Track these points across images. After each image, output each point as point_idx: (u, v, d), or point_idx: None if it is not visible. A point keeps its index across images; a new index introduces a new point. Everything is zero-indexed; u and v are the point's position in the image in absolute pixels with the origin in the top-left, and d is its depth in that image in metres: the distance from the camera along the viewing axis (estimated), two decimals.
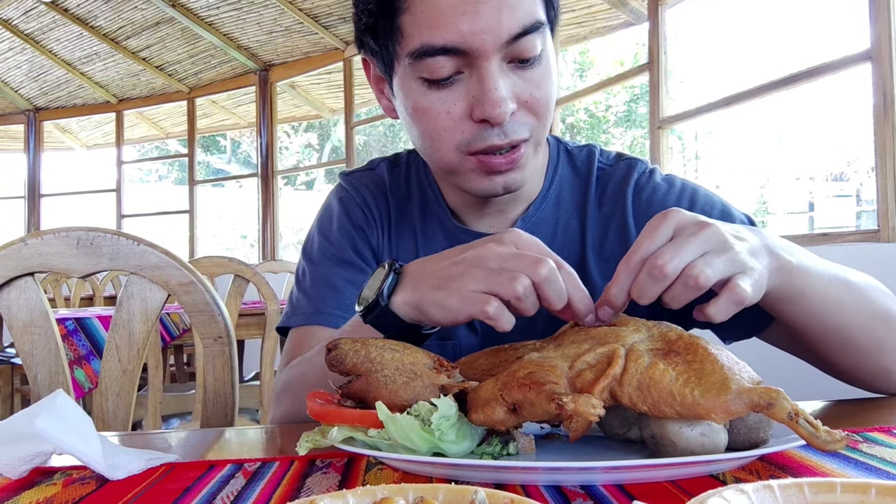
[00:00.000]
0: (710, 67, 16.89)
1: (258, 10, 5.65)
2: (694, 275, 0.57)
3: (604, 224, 0.92)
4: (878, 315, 0.75)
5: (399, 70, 0.81)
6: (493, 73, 0.75)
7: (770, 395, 0.48)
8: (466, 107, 0.77)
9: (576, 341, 0.57)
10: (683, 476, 0.50)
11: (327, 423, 0.57)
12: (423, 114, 0.80)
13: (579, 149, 0.99)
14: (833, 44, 13.87)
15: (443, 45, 0.74)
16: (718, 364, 0.50)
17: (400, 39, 0.78)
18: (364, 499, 0.35)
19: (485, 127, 0.77)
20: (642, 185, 0.93)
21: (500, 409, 0.53)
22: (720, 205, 0.91)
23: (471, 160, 0.80)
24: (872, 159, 2.52)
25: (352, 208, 0.98)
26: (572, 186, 0.95)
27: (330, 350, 0.59)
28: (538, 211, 0.93)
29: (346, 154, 6.09)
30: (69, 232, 1.05)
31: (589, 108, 15.07)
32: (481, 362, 0.62)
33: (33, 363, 1.06)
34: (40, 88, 7.17)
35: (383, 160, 1.03)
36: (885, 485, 0.34)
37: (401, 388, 0.56)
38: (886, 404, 0.77)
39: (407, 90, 0.81)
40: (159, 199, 12.57)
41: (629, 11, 4.21)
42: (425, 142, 0.82)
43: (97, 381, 1.11)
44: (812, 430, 0.47)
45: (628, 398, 0.51)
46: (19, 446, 0.54)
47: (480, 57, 0.75)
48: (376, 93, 0.91)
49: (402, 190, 0.99)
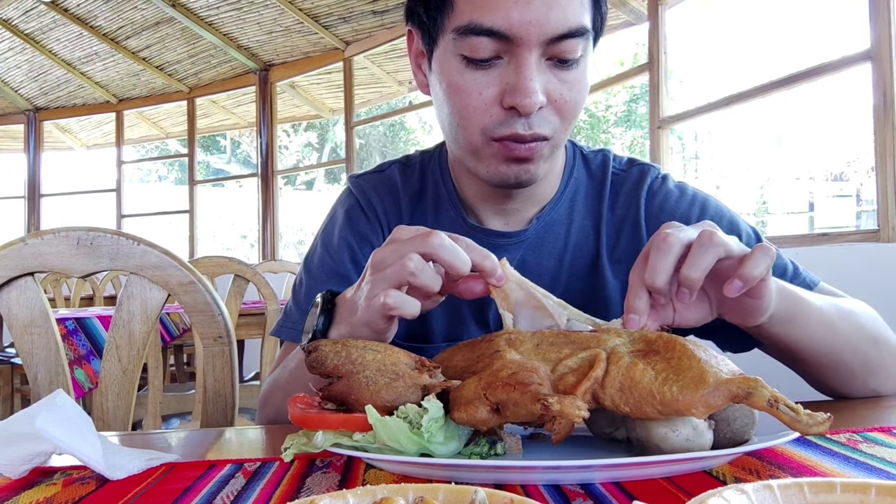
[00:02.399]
0: (710, 67, 16.89)
1: (258, 10, 5.65)
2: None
3: (617, 226, 0.95)
4: (868, 339, 0.79)
5: (441, 44, 0.82)
6: (530, 64, 0.77)
7: (748, 384, 0.48)
8: (499, 91, 0.79)
9: (556, 344, 0.57)
10: (680, 472, 0.51)
11: (310, 430, 0.57)
12: (456, 91, 0.81)
13: (594, 153, 1.00)
14: (833, 44, 13.87)
15: (490, 26, 0.76)
16: (696, 359, 0.51)
17: (450, 13, 0.80)
18: (364, 499, 0.35)
19: (512, 115, 0.79)
20: (655, 191, 0.95)
21: (484, 409, 0.52)
22: (728, 216, 0.94)
23: (493, 145, 0.82)
24: (872, 159, 2.52)
25: (356, 216, 0.98)
26: (587, 189, 0.97)
27: (310, 352, 0.59)
28: (553, 211, 0.94)
29: (345, 154, 6.09)
30: (69, 232, 1.05)
31: (589, 108, 15.06)
32: (458, 359, 0.62)
33: (33, 363, 1.06)
34: (40, 88, 7.17)
35: (394, 162, 1.04)
36: (885, 485, 0.34)
37: (383, 389, 0.56)
38: (886, 404, 0.77)
39: (445, 65, 0.82)
40: (159, 199, 12.56)
41: (629, 11, 4.21)
42: (454, 118, 0.83)
43: (97, 381, 1.12)
44: (793, 414, 0.47)
45: (611, 400, 0.51)
46: (19, 446, 0.54)
47: (522, 46, 0.76)
48: (414, 67, 0.92)
49: (415, 190, 0.99)
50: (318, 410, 0.58)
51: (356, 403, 0.56)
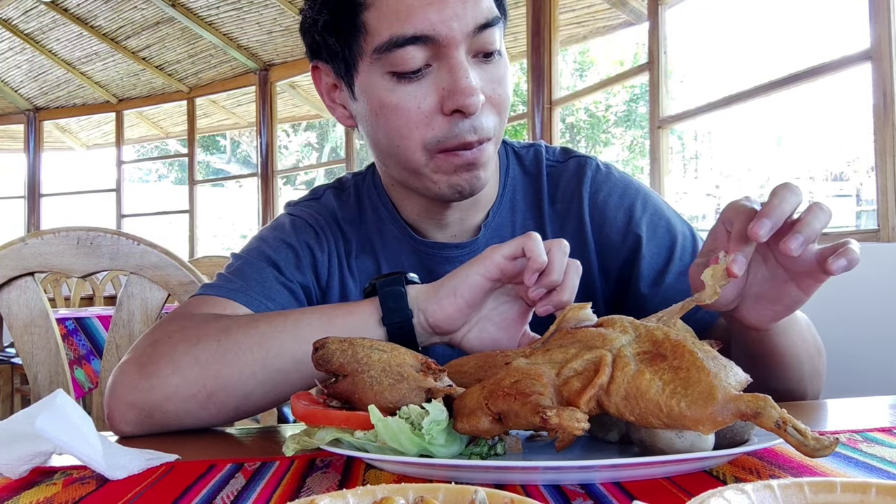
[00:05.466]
0: (710, 67, 16.89)
1: (258, 9, 5.65)
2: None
3: (560, 221, 0.94)
4: (817, 347, 0.83)
5: (363, 68, 0.80)
6: (462, 63, 0.77)
7: (757, 403, 0.47)
8: (437, 100, 0.78)
9: (563, 345, 0.57)
10: (680, 472, 0.51)
11: (312, 425, 0.57)
12: (391, 110, 0.79)
13: (526, 148, 0.99)
14: (833, 44, 13.88)
15: (413, 34, 0.75)
16: (705, 371, 0.50)
17: (364, 35, 0.78)
18: (364, 498, 0.35)
19: (456, 121, 0.78)
20: (599, 184, 0.94)
21: (486, 419, 0.52)
22: (667, 215, 0.93)
23: (437, 158, 0.80)
24: (872, 159, 2.52)
25: (301, 227, 0.93)
26: (525, 187, 0.96)
27: (317, 349, 0.59)
28: (496, 215, 0.93)
29: (345, 154, 6.10)
30: (69, 232, 1.05)
31: (589, 108, 15.07)
32: (469, 366, 0.62)
33: (33, 363, 1.06)
34: (40, 88, 7.17)
35: (327, 188, 1.00)
36: (885, 485, 0.34)
37: (387, 390, 0.56)
38: (887, 404, 0.77)
39: (372, 88, 0.80)
40: (159, 199, 12.56)
41: (629, 11, 4.22)
42: (391, 141, 0.81)
43: (97, 381, 1.12)
44: (800, 437, 0.47)
45: (615, 408, 0.51)
46: (19, 446, 0.54)
47: (449, 46, 0.76)
48: (328, 103, 0.90)
49: (354, 213, 0.96)
50: (322, 407, 0.58)
51: (360, 403, 0.56)
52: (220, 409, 0.74)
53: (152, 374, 0.73)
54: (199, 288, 0.90)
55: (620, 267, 0.91)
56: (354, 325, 0.73)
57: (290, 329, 0.74)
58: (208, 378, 0.72)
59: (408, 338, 0.73)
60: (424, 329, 0.74)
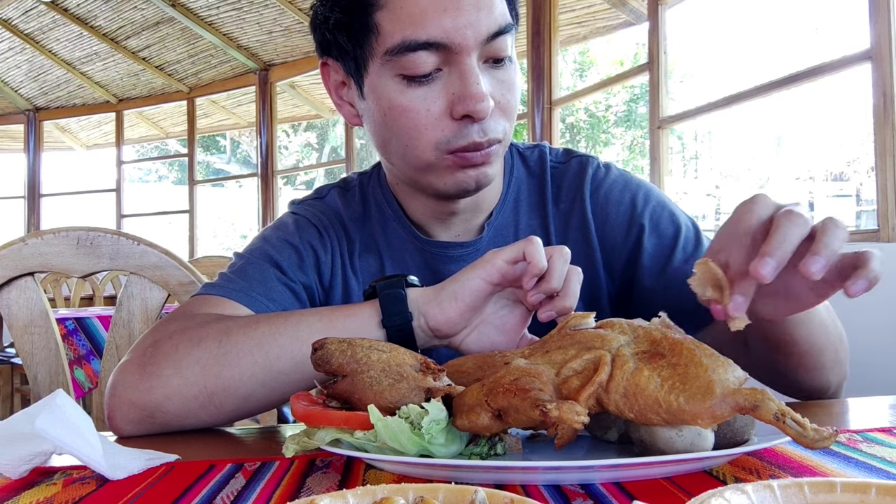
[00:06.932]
0: (710, 67, 16.89)
1: (258, 9, 5.65)
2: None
3: (564, 221, 0.94)
4: (839, 335, 0.81)
5: (373, 69, 0.80)
6: (473, 68, 0.77)
7: (755, 396, 0.47)
8: (447, 104, 0.78)
9: (562, 346, 0.57)
10: (680, 472, 0.51)
11: (312, 425, 0.57)
12: (401, 112, 0.79)
13: (530, 149, 1.00)
14: (833, 44, 13.88)
15: (426, 39, 0.75)
16: (703, 366, 0.50)
17: (376, 36, 0.78)
18: (364, 499, 0.35)
19: (465, 124, 0.78)
20: (599, 182, 0.94)
21: (485, 416, 0.52)
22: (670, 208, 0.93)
23: (448, 158, 0.80)
24: (872, 159, 2.52)
25: (305, 226, 0.93)
26: (529, 187, 0.97)
27: (316, 350, 0.59)
28: (500, 215, 0.94)
29: (345, 154, 6.10)
30: (69, 232, 1.05)
31: (589, 108, 15.07)
32: (469, 366, 0.62)
33: (33, 363, 1.06)
34: (40, 88, 7.17)
35: (332, 187, 1.00)
36: (885, 485, 0.34)
37: (386, 390, 0.56)
38: (887, 404, 0.77)
39: (382, 89, 0.80)
40: (159, 199, 12.56)
41: (629, 11, 4.22)
42: (401, 141, 0.81)
43: (97, 381, 1.12)
44: (800, 429, 0.47)
45: (615, 405, 0.51)
46: (19, 446, 0.54)
47: (462, 52, 0.76)
48: (335, 100, 0.90)
49: (359, 213, 0.96)
50: (322, 407, 0.58)
51: (359, 403, 0.56)
52: (221, 410, 0.74)
53: (153, 374, 0.73)
54: (201, 287, 0.90)
55: (625, 263, 0.92)
56: (355, 328, 0.73)
57: (290, 331, 0.74)
58: (209, 379, 0.72)
59: (408, 341, 0.73)
60: (424, 332, 0.74)
